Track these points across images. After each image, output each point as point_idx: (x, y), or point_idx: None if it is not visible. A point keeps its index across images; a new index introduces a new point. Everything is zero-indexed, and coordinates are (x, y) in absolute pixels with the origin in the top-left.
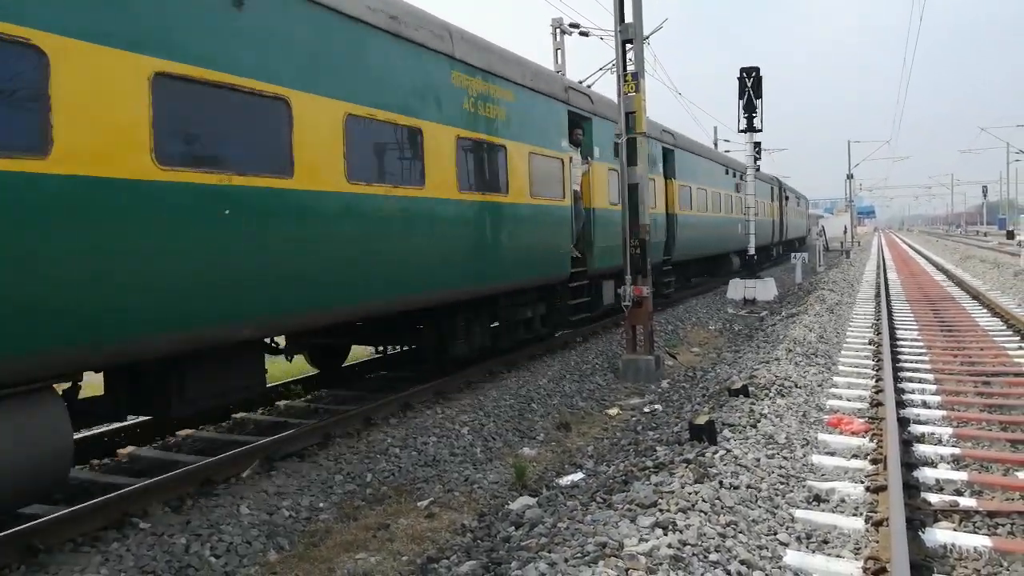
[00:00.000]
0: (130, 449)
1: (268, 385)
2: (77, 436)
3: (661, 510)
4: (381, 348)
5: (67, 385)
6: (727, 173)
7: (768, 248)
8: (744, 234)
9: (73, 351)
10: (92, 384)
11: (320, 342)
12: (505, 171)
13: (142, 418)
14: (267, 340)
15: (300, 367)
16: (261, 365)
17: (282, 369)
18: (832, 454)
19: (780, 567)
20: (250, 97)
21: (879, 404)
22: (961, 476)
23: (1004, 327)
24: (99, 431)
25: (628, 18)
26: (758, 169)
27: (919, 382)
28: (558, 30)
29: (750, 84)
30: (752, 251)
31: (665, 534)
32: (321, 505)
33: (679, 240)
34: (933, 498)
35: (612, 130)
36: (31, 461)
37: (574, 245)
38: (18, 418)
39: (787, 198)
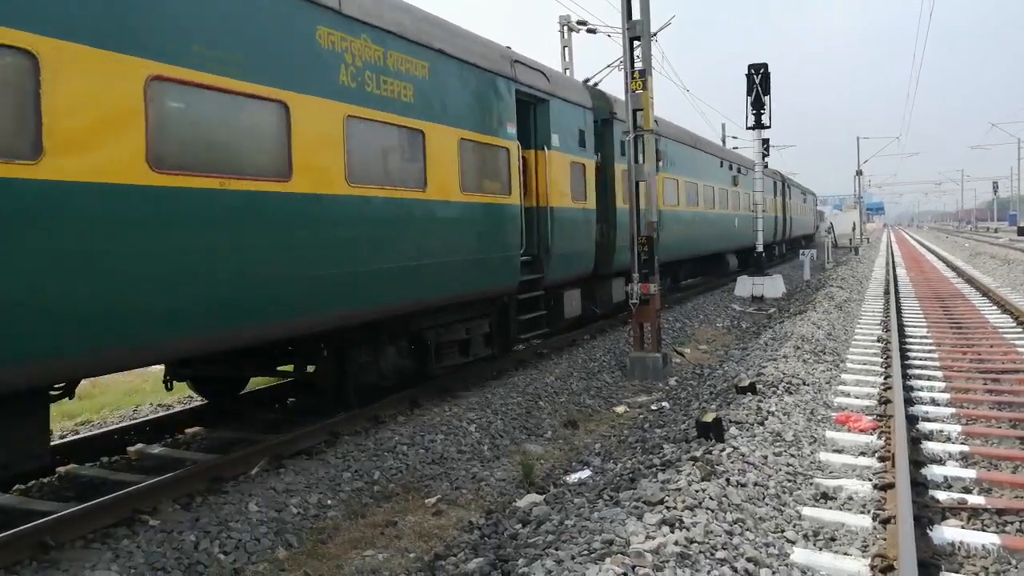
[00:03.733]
0: (139, 447)
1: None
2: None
3: (668, 507)
4: None
5: None
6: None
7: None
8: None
9: None
10: None
11: None
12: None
13: (151, 416)
14: None
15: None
16: None
17: None
18: (840, 451)
19: (787, 564)
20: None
21: (887, 401)
22: (970, 474)
23: (1014, 324)
24: (108, 429)
25: (636, 15)
26: (766, 166)
27: (928, 379)
28: (565, 27)
29: (758, 81)
30: None
31: (672, 531)
32: (329, 502)
33: None
34: (941, 496)
35: (581, 116)
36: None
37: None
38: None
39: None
